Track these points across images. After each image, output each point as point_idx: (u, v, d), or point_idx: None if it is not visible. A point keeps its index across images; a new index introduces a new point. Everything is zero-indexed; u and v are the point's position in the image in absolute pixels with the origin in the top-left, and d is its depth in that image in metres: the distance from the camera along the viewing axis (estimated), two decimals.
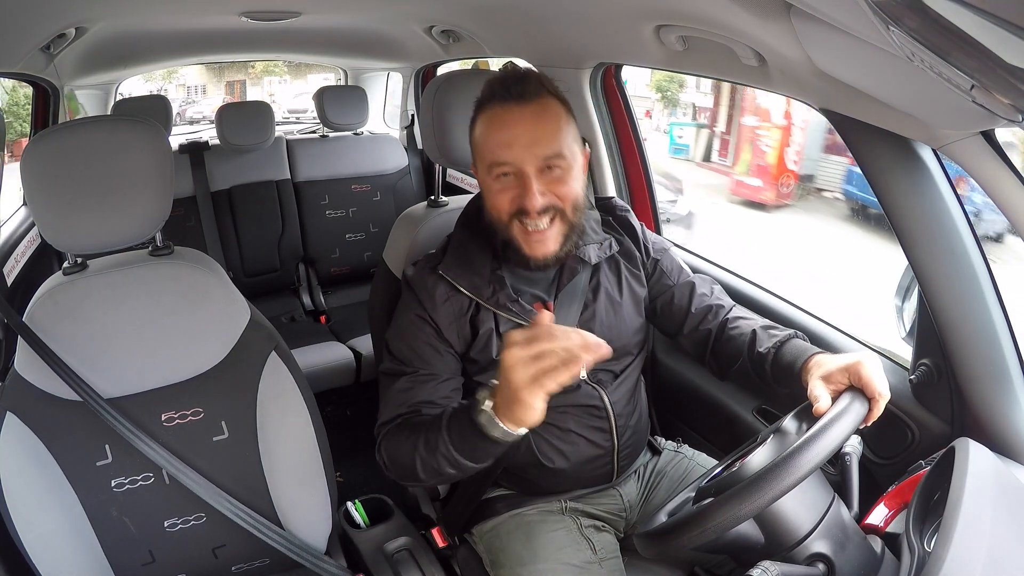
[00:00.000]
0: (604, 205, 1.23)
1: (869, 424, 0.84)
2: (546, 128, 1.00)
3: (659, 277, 1.20)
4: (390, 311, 1.21)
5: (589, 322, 1.12)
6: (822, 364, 0.90)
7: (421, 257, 1.17)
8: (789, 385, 0.97)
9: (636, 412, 1.20)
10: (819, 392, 0.85)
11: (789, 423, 0.88)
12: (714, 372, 1.18)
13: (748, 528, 0.81)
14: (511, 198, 1.01)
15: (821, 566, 0.80)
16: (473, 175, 1.12)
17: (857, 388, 0.84)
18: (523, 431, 0.82)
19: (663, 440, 1.32)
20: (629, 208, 1.24)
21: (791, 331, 1.06)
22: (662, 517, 0.93)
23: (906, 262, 1.02)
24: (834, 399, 0.83)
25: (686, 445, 1.32)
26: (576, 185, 1.03)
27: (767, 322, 1.12)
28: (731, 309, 1.19)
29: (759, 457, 0.83)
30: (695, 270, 1.28)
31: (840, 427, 0.77)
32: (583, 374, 1.12)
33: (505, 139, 0.99)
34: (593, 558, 1.11)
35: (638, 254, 1.19)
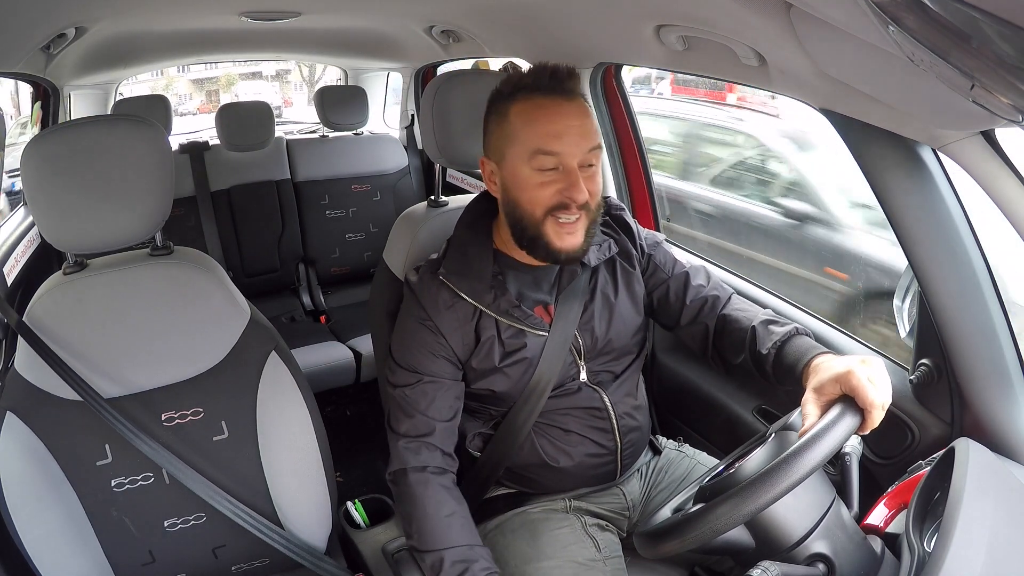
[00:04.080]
0: None
1: (867, 432, 0.83)
2: (590, 124, 1.02)
3: (653, 271, 1.19)
4: (390, 311, 1.21)
5: (588, 324, 1.12)
6: (818, 371, 0.89)
7: (422, 260, 1.16)
8: (793, 385, 0.96)
9: (637, 411, 1.19)
10: (808, 409, 0.84)
11: (793, 422, 0.88)
12: (717, 366, 1.17)
13: (740, 532, 0.81)
14: (553, 192, 1.01)
15: (821, 566, 0.80)
16: (479, 172, 1.11)
17: (850, 397, 0.82)
18: None
19: (664, 440, 1.32)
20: (624, 207, 1.24)
21: (791, 327, 1.03)
22: (661, 518, 0.93)
23: (906, 262, 1.02)
24: (827, 409, 0.82)
25: (687, 445, 1.32)
26: (601, 183, 1.06)
27: (768, 314, 1.09)
28: (728, 300, 1.16)
29: (754, 462, 0.84)
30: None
31: (828, 440, 0.76)
32: (583, 376, 1.13)
33: (556, 130, 0.99)
34: (597, 556, 1.11)
35: (634, 252, 1.19)
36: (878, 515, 0.89)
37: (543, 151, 0.99)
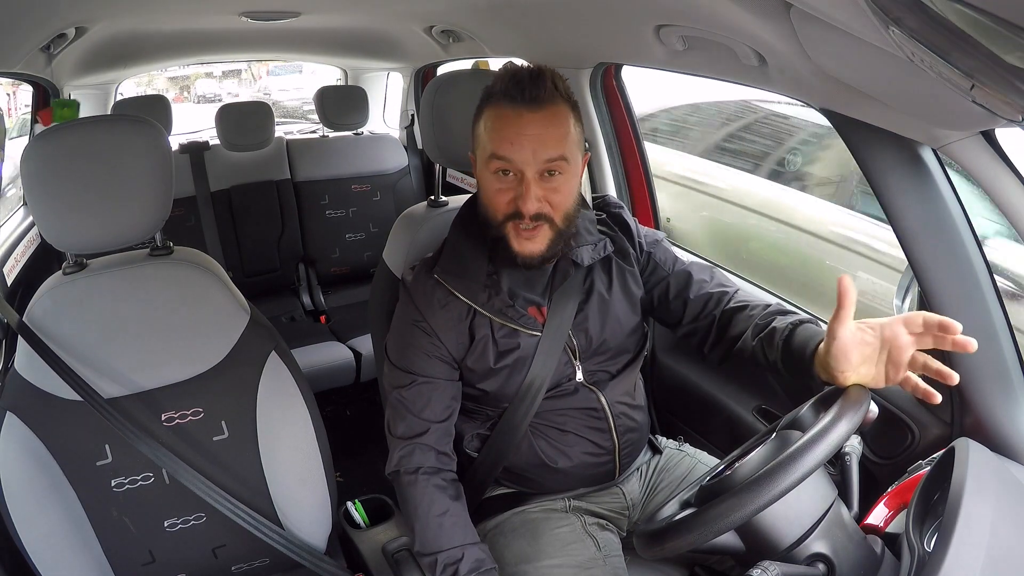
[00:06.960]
0: (598, 203, 1.22)
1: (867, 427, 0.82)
2: (553, 134, 0.99)
3: (653, 270, 1.19)
4: (390, 311, 1.21)
5: (583, 324, 1.12)
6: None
7: (419, 260, 1.16)
8: (803, 371, 0.93)
9: (635, 411, 1.19)
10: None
11: (794, 423, 0.88)
12: (719, 361, 1.14)
13: (741, 533, 0.81)
14: (508, 200, 1.01)
15: (821, 566, 0.80)
16: (471, 171, 1.11)
17: (856, 387, 0.82)
18: None
19: (664, 439, 1.32)
20: (623, 205, 1.23)
21: (800, 315, 1.01)
22: (660, 518, 0.93)
23: (906, 262, 1.02)
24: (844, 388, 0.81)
25: (687, 444, 1.32)
26: (571, 193, 1.03)
27: (777, 306, 1.07)
28: (734, 295, 1.14)
29: (755, 461, 0.83)
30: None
31: (828, 440, 0.74)
32: (580, 376, 1.13)
33: (510, 136, 0.99)
34: (598, 555, 1.11)
35: (632, 251, 1.18)
36: (878, 515, 0.89)
37: (496, 155, 1.00)
